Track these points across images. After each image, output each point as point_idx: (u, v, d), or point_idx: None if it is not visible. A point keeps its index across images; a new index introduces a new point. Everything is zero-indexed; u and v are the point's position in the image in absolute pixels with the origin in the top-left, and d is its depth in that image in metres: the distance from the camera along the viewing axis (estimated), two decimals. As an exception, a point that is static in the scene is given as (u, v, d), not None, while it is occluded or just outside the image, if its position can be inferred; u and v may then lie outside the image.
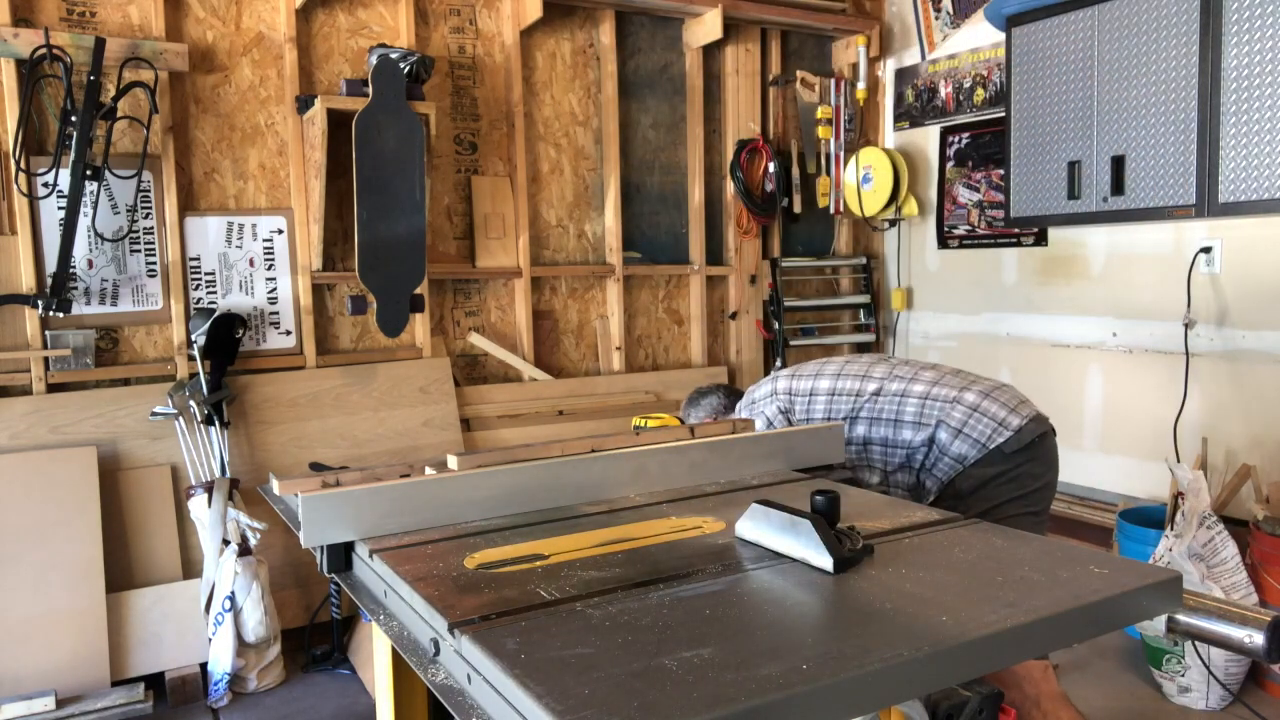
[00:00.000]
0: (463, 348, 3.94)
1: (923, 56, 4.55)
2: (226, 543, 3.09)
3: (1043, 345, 4.07)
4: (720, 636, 1.08)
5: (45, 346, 3.17)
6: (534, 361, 4.02)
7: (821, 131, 4.54)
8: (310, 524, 1.48)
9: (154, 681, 3.03)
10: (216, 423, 3.24)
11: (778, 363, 4.53)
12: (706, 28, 4.17)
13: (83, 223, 3.15)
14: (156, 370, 3.34)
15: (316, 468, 2.74)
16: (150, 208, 3.33)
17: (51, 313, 3.09)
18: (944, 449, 2.22)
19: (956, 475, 2.21)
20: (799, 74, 4.54)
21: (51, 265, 3.12)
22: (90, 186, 3.16)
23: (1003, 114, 3.81)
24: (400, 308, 3.47)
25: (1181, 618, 1.24)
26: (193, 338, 3.29)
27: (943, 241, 4.52)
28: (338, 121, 3.36)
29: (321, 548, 1.53)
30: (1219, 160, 3.05)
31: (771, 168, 4.42)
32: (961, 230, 4.43)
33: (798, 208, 4.56)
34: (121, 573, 3.11)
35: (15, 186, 3.07)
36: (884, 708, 1.08)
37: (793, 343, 4.58)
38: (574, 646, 1.06)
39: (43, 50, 2.99)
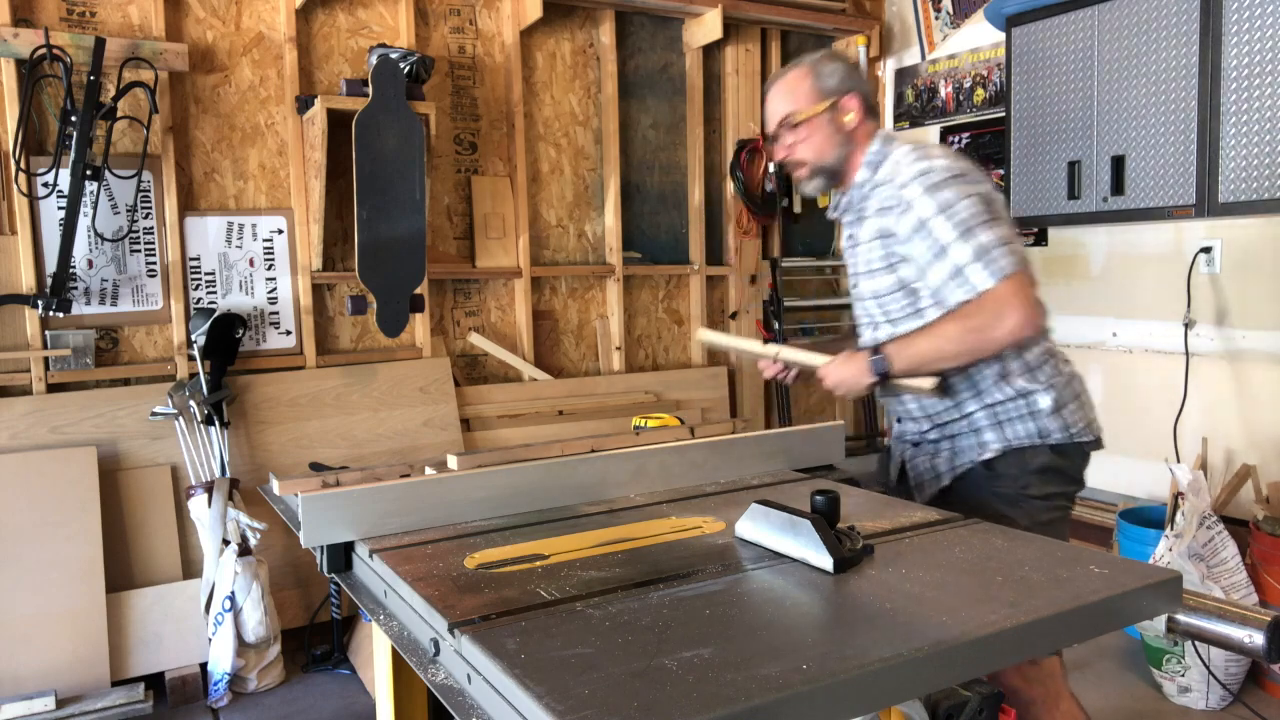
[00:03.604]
0: (463, 348, 3.94)
1: (923, 56, 4.55)
2: (226, 543, 3.09)
3: (1043, 345, 4.06)
4: (720, 636, 1.08)
5: (45, 346, 3.17)
6: (534, 361, 4.02)
7: (821, 131, 4.53)
8: (310, 524, 1.48)
9: (154, 681, 3.03)
10: (216, 423, 3.24)
11: (778, 363, 4.53)
12: (706, 28, 4.17)
13: (83, 223, 3.15)
14: (156, 370, 3.34)
15: (316, 468, 2.74)
16: (150, 208, 3.33)
17: (51, 313, 3.09)
18: (1034, 409, 1.93)
19: (1024, 449, 1.94)
20: (799, 74, 4.53)
21: (51, 265, 3.12)
22: (90, 186, 3.16)
23: (1003, 114, 3.81)
24: (400, 308, 3.47)
25: (1181, 618, 1.24)
26: (193, 338, 3.29)
27: (943, 241, 4.52)
28: (338, 121, 3.36)
29: (321, 548, 1.53)
30: (1219, 160, 3.05)
31: (771, 168, 4.42)
32: (961, 230, 4.42)
33: (798, 208, 4.56)
34: (121, 573, 3.11)
35: (15, 186, 3.07)
36: (884, 708, 1.08)
37: (792, 342, 4.57)
38: (574, 646, 1.06)
39: (43, 50, 2.99)
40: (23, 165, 3.03)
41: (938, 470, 2.05)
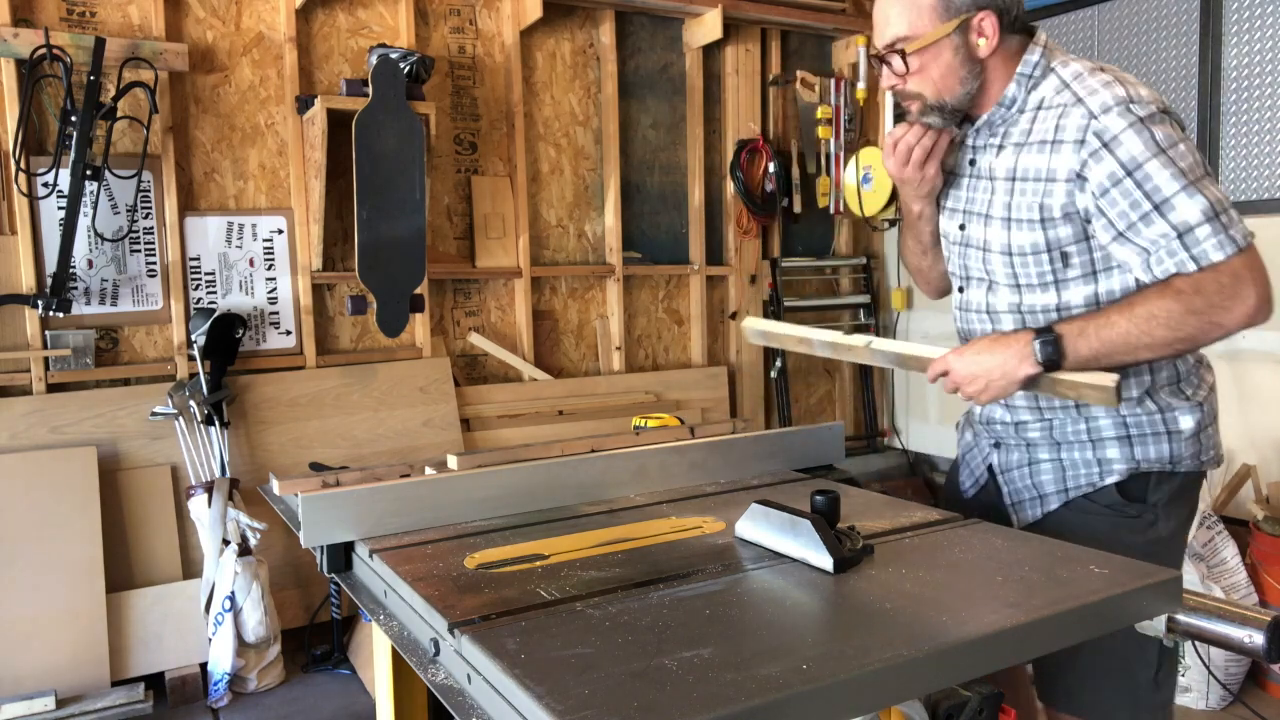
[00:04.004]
0: (463, 348, 3.94)
1: (923, 56, 4.54)
2: (226, 543, 3.09)
3: (1043, 345, 4.06)
4: (720, 636, 1.08)
5: (45, 346, 3.17)
6: (534, 361, 4.02)
7: (821, 131, 4.54)
8: (310, 524, 1.48)
9: (154, 681, 3.03)
10: (216, 423, 3.24)
11: (777, 363, 4.53)
12: (706, 28, 4.17)
13: (83, 223, 3.15)
14: (156, 370, 3.34)
15: (316, 468, 2.74)
16: (150, 208, 3.33)
17: (51, 313, 3.09)
18: (1173, 429, 1.59)
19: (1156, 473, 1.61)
20: (799, 74, 4.54)
21: (51, 265, 3.11)
22: (90, 186, 3.16)
23: (1003, 114, 3.80)
24: (400, 308, 3.47)
25: (1181, 618, 1.24)
26: (193, 338, 3.29)
27: (943, 241, 4.51)
28: (338, 121, 3.36)
29: (321, 548, 1.53)
30: (1219, 160, 3.06)
31: (771, 168, 4.42)
32: (961, 230, 4.42)
33: (798, 208, 4.56)
34: (121, 573, 3.11)
35: (15, 186, 3.07)
36: (884, 708, 1.08)
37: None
38: (574, 646, 1.06)
39: (43, 50, 2.98)
40: (23, 165, 3.03)
41: (1042, 491, 1.68)
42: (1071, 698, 1.68)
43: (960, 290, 1.75)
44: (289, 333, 3.58)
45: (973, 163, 1.67)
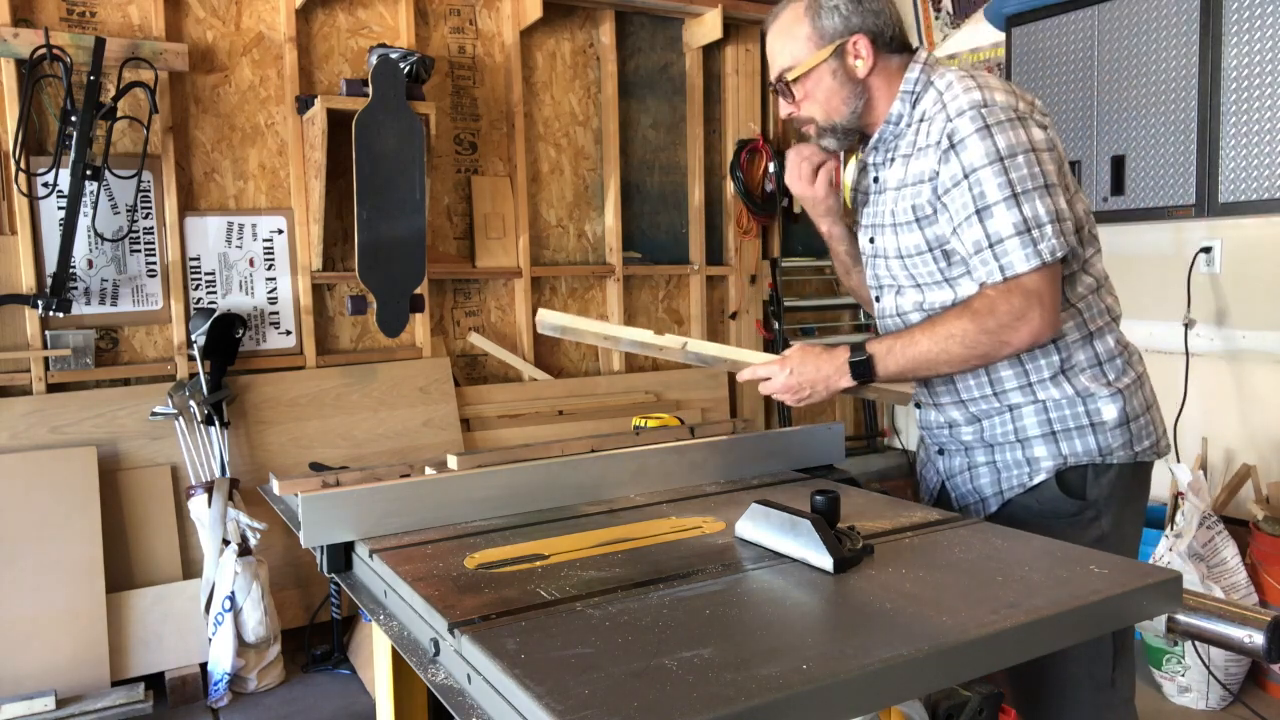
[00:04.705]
0: (463, 348, 3.94)
1: (923, 56, 4.54)
2: (226, 543, 3.09)
3: (1043, 345, 4.05)
4: (720, 636, 1.08)
5: (45, 346, 3.17)
6: (534, 361, 4.02)
7: (821, 131, 4.53)
8: (310, 524, 1.48)
9: (154, 681, 3.03)
10: (216, 423, 3.24)
11: (778, 363, 4.52)
12: (706, 28, 4.17)
13: (83, 223, 3.15)
14: (156, 370, 3.34)
15: (316, 468, 2.74)
16: (150, 208, 3.33)
17: (51, 313, 3.09)
18: (1096, 420, 1.64)
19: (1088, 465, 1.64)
20: (799, 74, 4.53)
21: (51, 265, 3.12)
22: (90, 186, 3.16)
23: (1003, 114, 3.80)
24: (400, 308, 3.47)
25: (1181, 618, 1.24)
26: (193, 338, 3.29)
27: (943, 241, 4.51)
28: (338, 121, 3.36)
29: (321, 548, 1.52)
30: (1219, 160, 3.06)
31: (771, 168, 4.42)
32: (961, 230, 4.42)
33: (797, 208, 4.55)
34: (121, 573, 3.11)
35: (15, 186, 3.07)
36: (884, 708, 1.08)
37: (792, 342, 4.57)
38: (574, 646, 1.06)
39: (43, 50, 2.99)
40: (23, 165, 3.03)
41: (982, 494, 1.76)
42: (1026, 701, 1.68)
43: (878, 300, 1.83)
44: (289, 333, 3.58)
45: (876, 180, 1.76)
